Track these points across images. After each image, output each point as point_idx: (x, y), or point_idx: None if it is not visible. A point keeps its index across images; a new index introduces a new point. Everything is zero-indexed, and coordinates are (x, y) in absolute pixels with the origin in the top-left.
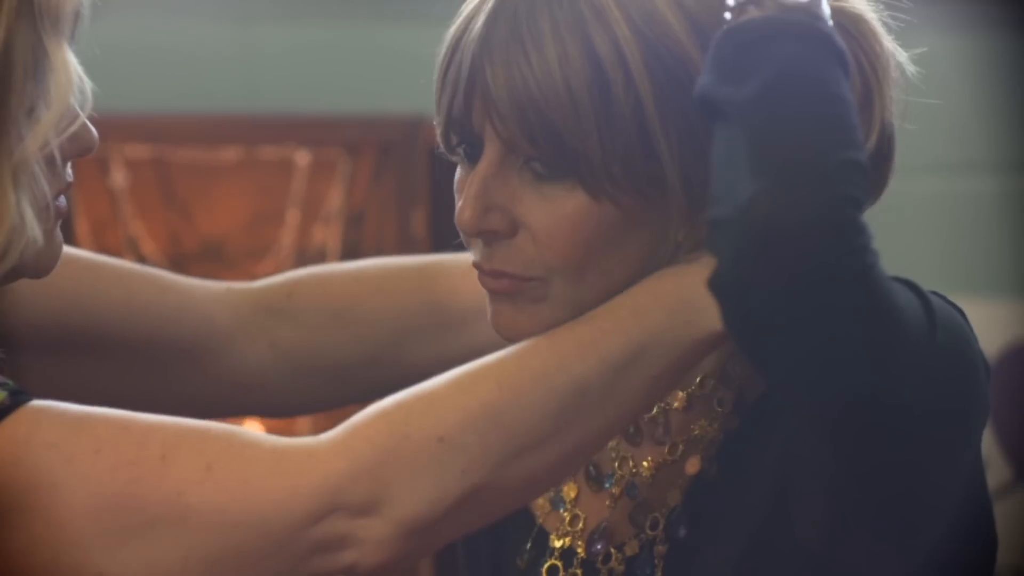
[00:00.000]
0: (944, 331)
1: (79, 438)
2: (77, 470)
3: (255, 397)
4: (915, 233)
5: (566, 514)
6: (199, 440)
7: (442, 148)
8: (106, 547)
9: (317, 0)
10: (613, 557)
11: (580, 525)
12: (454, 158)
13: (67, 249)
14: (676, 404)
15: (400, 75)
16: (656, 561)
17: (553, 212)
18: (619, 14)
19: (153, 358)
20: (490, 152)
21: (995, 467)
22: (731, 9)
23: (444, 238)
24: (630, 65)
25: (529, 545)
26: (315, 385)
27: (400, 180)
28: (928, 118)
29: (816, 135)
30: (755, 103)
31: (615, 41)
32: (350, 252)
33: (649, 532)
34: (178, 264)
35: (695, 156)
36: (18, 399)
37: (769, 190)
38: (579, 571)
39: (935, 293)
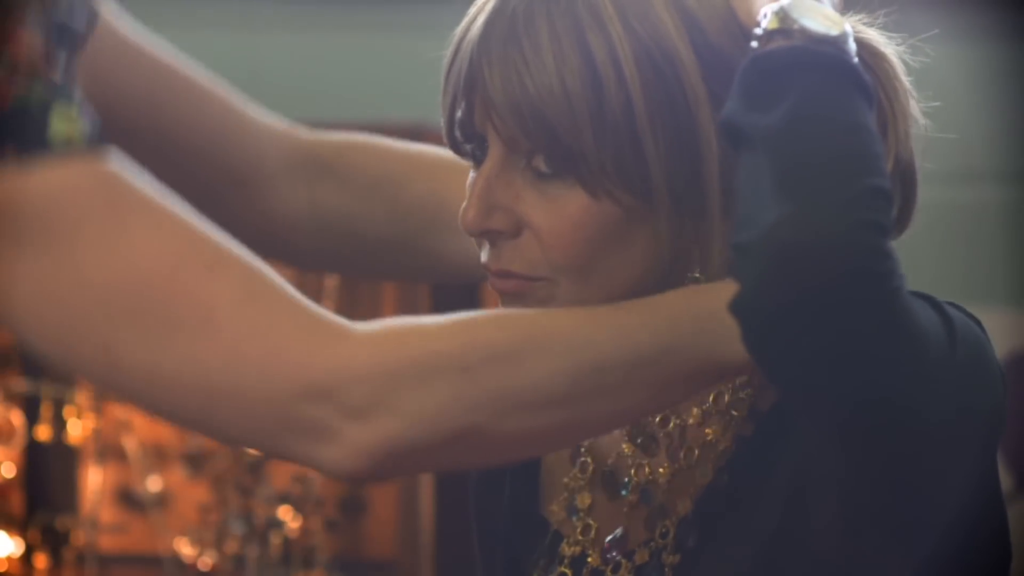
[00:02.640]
0: (964, 345)
1: (144, 207)
2: (123, 234)
3: (280, 247)
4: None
5: (579, 523)
6: (252, 271)
7: (449, 148)
8: (114, 324)
9: (316, 9)
10: (623, 566)
11: (592, 534)
12: (465, 158)
13: (143, 45)
14: (691, 420)
15: (400, 83)
16: (665, 570)
17: (555, 211)
18: (613, 11)
19: (194, 175)
20: (493, 152)
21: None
22: (759, 38)
23: None
24: (622, 64)
25: (542, 551)
26: (342, 252)
27: None
28: (934, 127)
29: (840, 163)
30: (780, 131)
31: (609, 40)
32: (349, 280)
33: (659, 540)
34: None
35: (680, 157)
36: (102, 139)
37: (793, 215)
38: None
39: (952, 304)
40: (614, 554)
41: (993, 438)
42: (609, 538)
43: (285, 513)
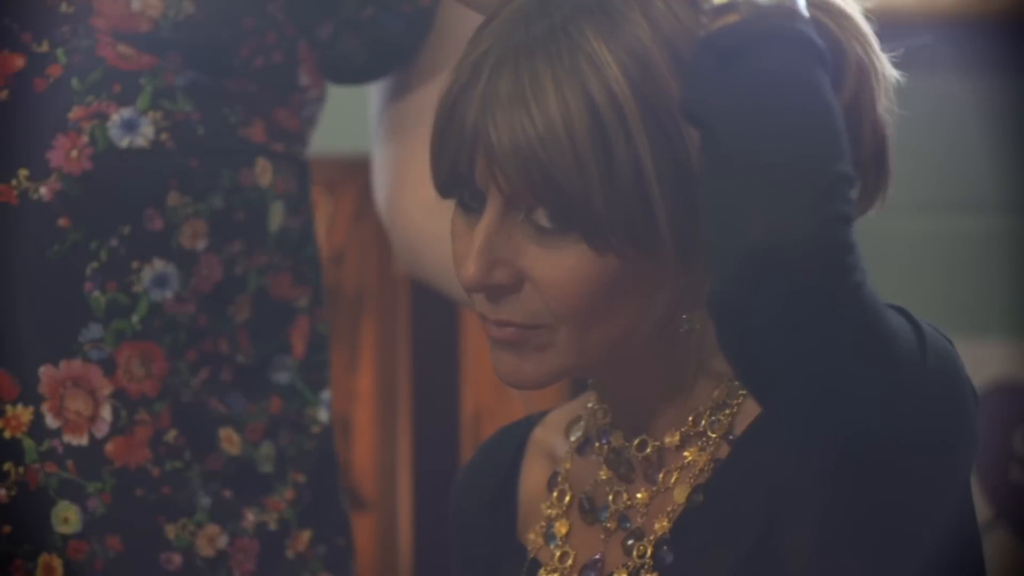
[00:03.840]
0: (935, 356)
1: None
2: None
3: None
4: (899, 271)
5: (557, 551)
6: None
7: (438, 192)
8: None
9: None
10: None
11: (569, 562)
12: (449, 199)
13: None
14: (669, 441)
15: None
16: None
17: (558, 265)
18: (617, 70)
19: None
20: (492, 207)
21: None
22: (706, 14)
23: None
24: (630, 124)
25: None
26: None
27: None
28: (916, 157)
29: (805, 148)
30: (739, 118)
31: (615, 99)
32: (329, 293)
33: (637, 560)
34: None
35: (685, 208)
36: None
37: (762, 212)
38: None
39: (927, 323)
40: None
41: (965, 453)
42: (585, 563)
43: None
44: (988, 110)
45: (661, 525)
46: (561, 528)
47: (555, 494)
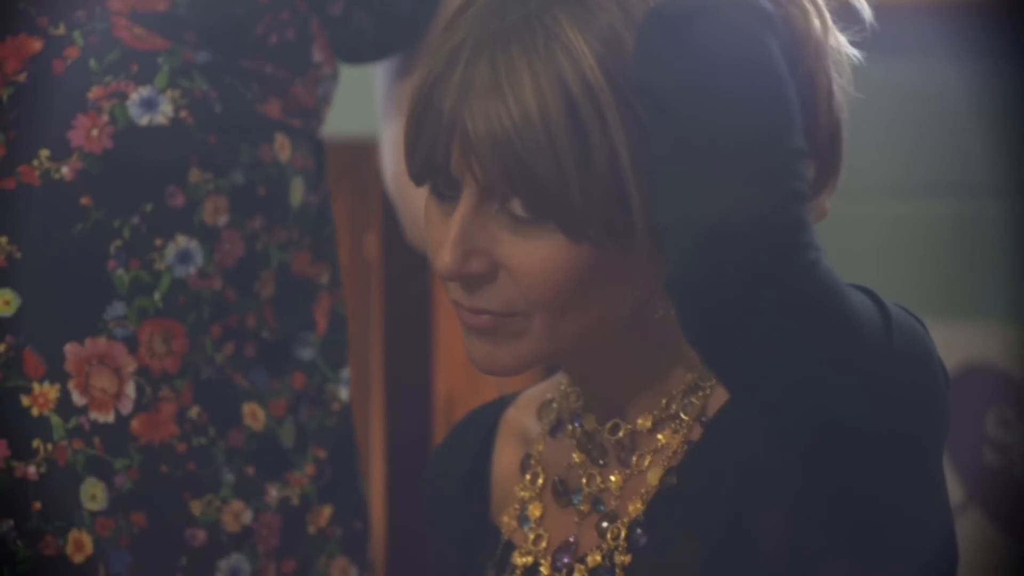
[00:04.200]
0: (901, 336)
1: None
2: None
3: None
4: (874, 254)
5: (531, 533)
6: None
7: (412, 180)
8: None
9: None
10: (576, 570)
11: (544, 544)
12: (422, 185)
13: None
14: (641, 424)
15: (351, 99)
16: (617, 571)
17: (534, 254)
18: (592, 60)
19: None
20: (468, 196)
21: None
22: None
23: (397, 261)
24: (606, 114)
25: (494, 561)
26: None
27: (352, 204)
28: (890, 141)
29: (757, 123)
30: (688, 94)
31: (591, 89)
32: None
33: (611, 542)
34: None
35: (657, 202)
36: None
37: (715, 192)
38: None
39: (896, 304)
40: (565, 560)
41: (936, 433)
42: (559, 546)
43: None
44: (962, 94)
45: (635, 507)
46: (535, 511)
47: (528, 476)
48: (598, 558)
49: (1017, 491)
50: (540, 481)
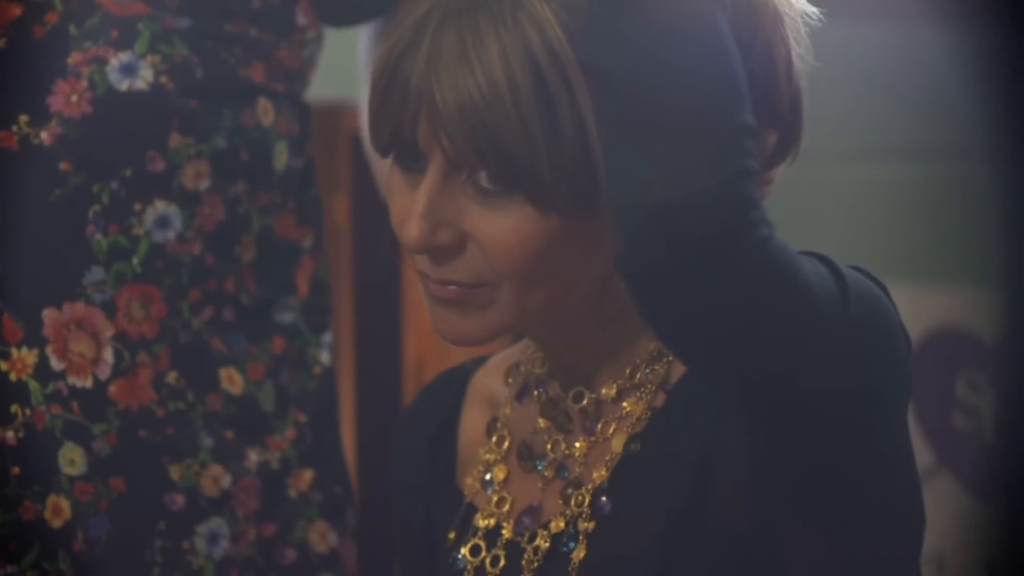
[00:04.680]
0: (859, 303)
1: None
2: None
3: None
4: (843, 217)
5: (494, 495)
6: None
7: (377, 151)
8: None
9: None
10: (539, 535)
11: (507, 507)
12: (386, 156)
13: None
14: (606, 393)
15: (321, 62)
16: (581, 537)
17: (501, 225)
18: (559, 30)
19: None
20: (435, 168)
21: (916, 452)
22: None
23: (366, 225)
24: (574, 85)
25: (456, 522)
26: None
27: (322, 167)
28: (858, 104)
29: (704, 100)
30: (635, 71)
31: (558, 60)
32: None
33: (575, 508)
34: None
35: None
36: None
37: (663, 169)
38: (502, 552)
39: (856, 268)
40: (527, 522)
41: (897, 398)
42: (523, 510)
43: None
44: (932, 57)
45: (599, 474)
46: (499, 474)
47: (494, 439)
48: (561, 524)
49: (986, 455)
50: (506, 444)
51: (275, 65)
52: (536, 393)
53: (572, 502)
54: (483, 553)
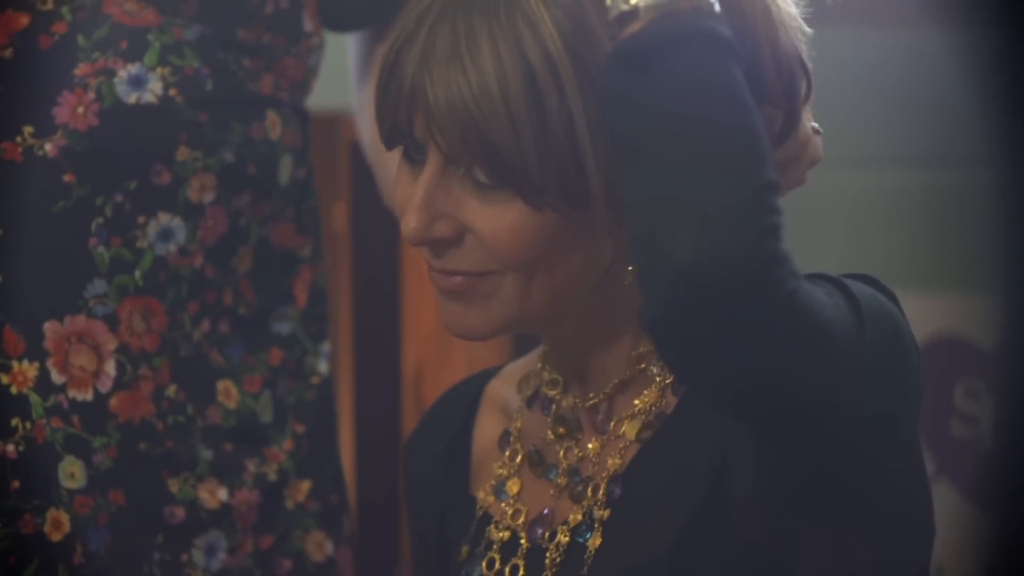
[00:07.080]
0: (873, 327)
1: None
2: None
3: None
4: (843, 225)
5: (508, 508)
6: None
7: (383, 143)
8: None
9: None
10: (559, 531)
11: (521, 519)
12: (392, 148)
13: None
14: (615, 388)
15: (320, 71)
16: (596, 525)
17: (497, 218)
18: (552, 29)
19: None
20: (432, 162)
21: None
22: (611, 24)
23: (365, 233)
24: (564, 84)
25: (471, 533)
26: None
27: (321, 175)
28: (859, 111)
29: (726, 160)
30: (656, 135)
31: (549, 59)
32: None
33: (590, 498)
34: None
35: (616, 166)
36: None
37: (688, 233)
38: (521, 561)
39: (866, 277)
40: (540, 531)
41: (910, 413)
42: (535, 519)
43: None
44: (931, 64)
45: (613, 462)
46: (513, 487)
47: (507, 454)
48: (578, 516)
49: (984, 463)
50: (519, 459)
51: (282, 74)
52: (547, 397)
53: (588, 491)
54: (498, 566)
